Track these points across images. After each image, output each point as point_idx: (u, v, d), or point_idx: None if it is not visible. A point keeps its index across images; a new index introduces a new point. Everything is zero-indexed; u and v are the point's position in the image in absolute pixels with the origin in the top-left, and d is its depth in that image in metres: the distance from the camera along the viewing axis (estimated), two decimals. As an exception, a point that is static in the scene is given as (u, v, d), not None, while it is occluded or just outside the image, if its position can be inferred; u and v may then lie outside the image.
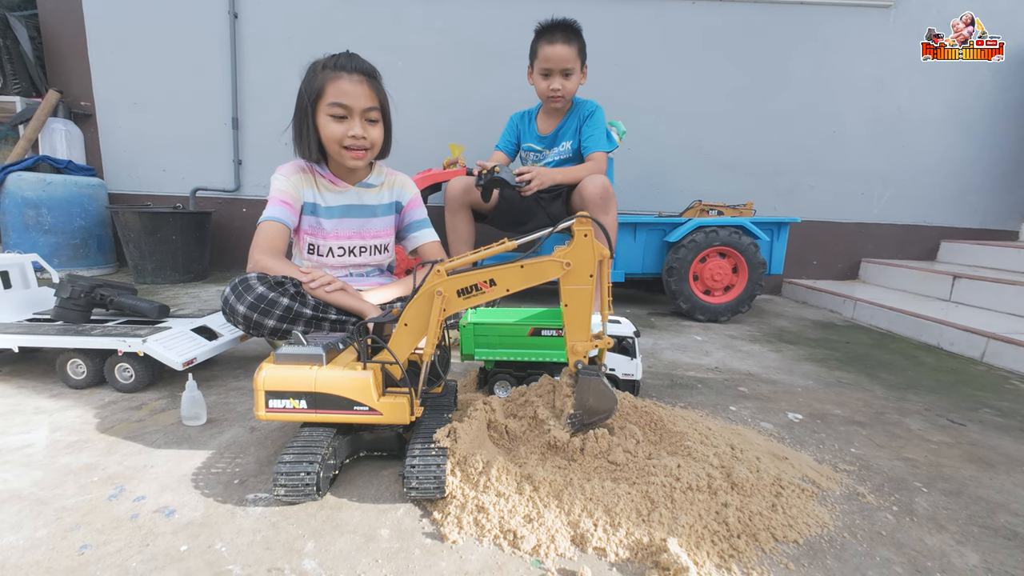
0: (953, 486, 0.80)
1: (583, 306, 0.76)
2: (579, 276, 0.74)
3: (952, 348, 1.66)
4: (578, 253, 0.73)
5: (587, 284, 0.74)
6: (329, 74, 1.11)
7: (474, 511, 0.66)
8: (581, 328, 0.77)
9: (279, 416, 0.73)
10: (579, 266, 0.74)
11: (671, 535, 0.61)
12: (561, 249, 0.74)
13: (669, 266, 1.99)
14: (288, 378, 0.72)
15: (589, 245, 0.73)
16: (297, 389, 0.72)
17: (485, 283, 0.73)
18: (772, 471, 0.76)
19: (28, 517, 0.65)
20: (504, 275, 0.73)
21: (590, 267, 0.74)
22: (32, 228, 2.35)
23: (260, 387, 0.72)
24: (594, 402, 0.78)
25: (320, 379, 0.72)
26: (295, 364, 0.74)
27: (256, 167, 2.79)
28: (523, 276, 0.74)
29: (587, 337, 0.78)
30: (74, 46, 2.67)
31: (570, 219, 0.74)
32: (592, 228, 0.73)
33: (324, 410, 0.73)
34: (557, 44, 1.73)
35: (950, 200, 2.76)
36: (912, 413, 1.11)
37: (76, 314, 1.18)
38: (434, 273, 0.72)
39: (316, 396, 0.72)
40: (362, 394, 0.73)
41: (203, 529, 0.63)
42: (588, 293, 0.75)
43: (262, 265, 1.11)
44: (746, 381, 1.29)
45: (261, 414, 0.73)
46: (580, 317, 0.76)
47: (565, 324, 0.77)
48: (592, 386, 0.78)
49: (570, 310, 0.76)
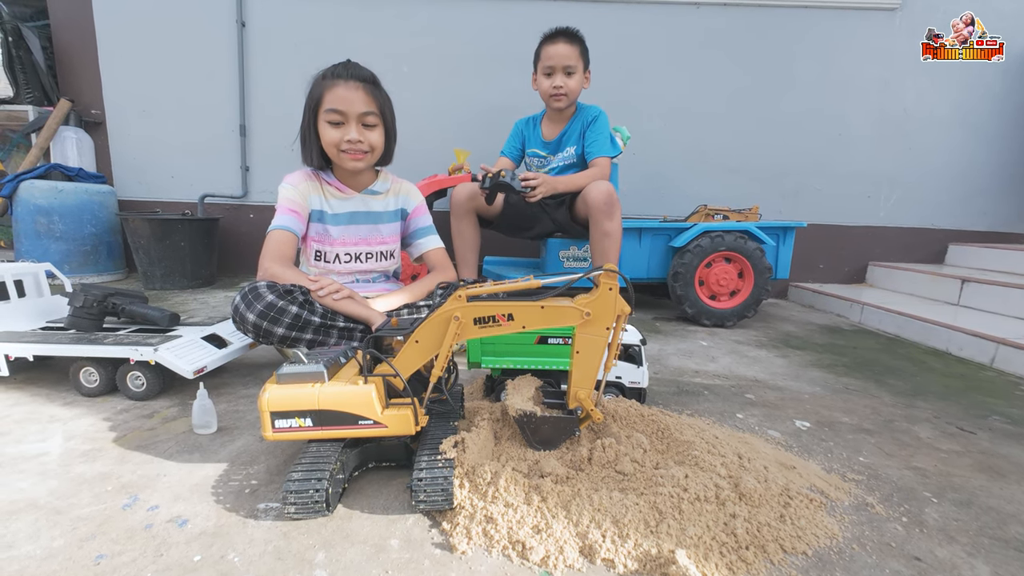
0: (963, 496, 0.80)
1: (594, 356, 0.77)
2: (597, 327, 0.75)
3: (961, 353, 1.65)
4: (600, 305, 0.74)
5: (603, 335, 0.76)
6: (327, 82, 1.16)
7: (483, 522, 0.66)
8: (587, 377, 0.79)
9: (286, 436, 0.74)
10: (599, 317, 0.75)
11: (679, 546, 0.62)
12: (584, 298, 0.74)
13: (674, 271, 1.99)
14: (291, 397, 0.73)
15: (612, 299, 0.74)
16: (301, 408, 0.72)
17: (504, 316, 0.74)
18: (780, 481, 0.76)
19: (45, 527, 0.66)
20: (523, 312, 0.74)
21: (609, 320, 0.75)
22: (44, 235, 2.39)
23: (265, 408, 0.73)
24: (546, 436, 0.83)
25: (323, 396, 0.73)
26: (298, 383, 0.74)
27: (263, 173, 2.81)
28: (542, 317, 0.74)
29: (591, 386, 0.79)
30: (85, 55, 2.71)
31: (599, 270, 0.75)
32: (618, 284, 0.74)
33: (329, 426, 0.73)
34: (559, 43, 1.77)
35: (958, 202, 2.74)
36: (921, 420, 1.10)
37: (89, 323, 1.20)
38: (454, 297, 0.73)
39: (320, 413, 0.73)
40: (365, 408, 0.73)
41: (216, 539, 0.64)
42: (602, 344, 0.76)
43: (271, 273, 1.13)
44: (753, 388, 1.29)
45: (268, 435, 0.74)
46: (589, 366, 0.78)
47: (572, 369, 0.79)
48: (562, 430, 0.83)
49: (581, 357, 0.77)
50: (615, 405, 0.96)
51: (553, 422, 0.82)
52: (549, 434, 0.83)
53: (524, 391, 0.88)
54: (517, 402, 0.83)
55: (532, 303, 0.74)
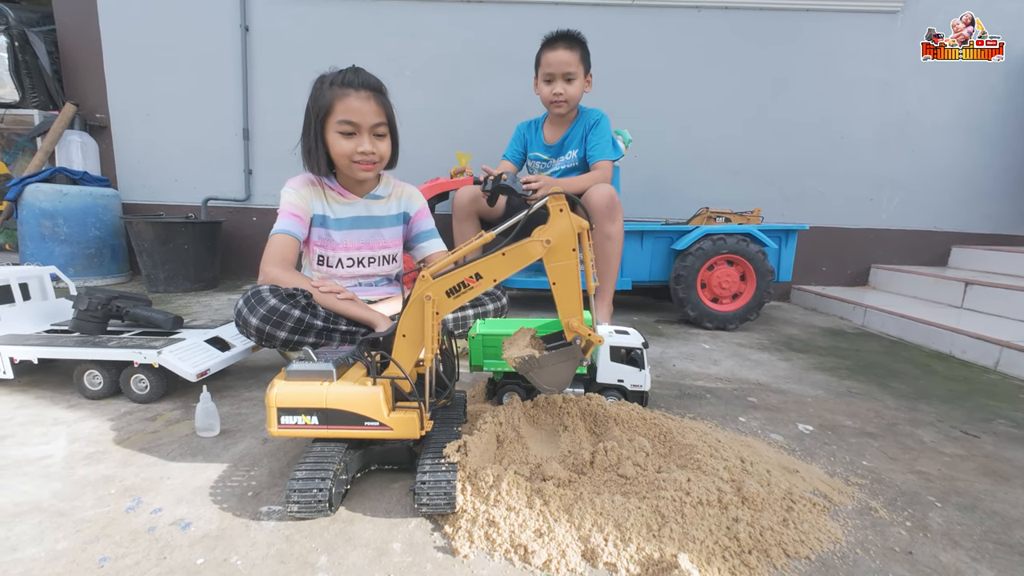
0: (967, 500, 0.79)
1: (571, 281, 0.76)
2: (561, 252, 0.75)
3: (964, 356, 1.64)
4: (556, 229, 0.74)
5: (571, 259, 0.75)
6: (337, 91, 1.13)
7: (485, 525, 0.66)
8: (573, 304, 0.78)
9: (291, 432, 0.74)
10: (560, 242, 0.74)
11: (682, 551, 0.61)
12: (540, 229, 0.74)
13: (676, 274, 1.99)
14: (299, 394, 0.73)
15: (567, 220, 0.74)
16: (308, 405, 0.73)
17: (471, 278, 0.73)
18: (783, 485, 0.76)
19: (49, 529, 0.66)
20: (488, 266, 0.74)
21: (570, 241, 0.74)
22: (48, 238, 2.40)
23: (272, 404, 0.73)
24: (553, 374, 0.80)
25: (331, 395, 0.73)
26: (306, 380, 0.75)
27: (266, 176, 2.83)
28: (507, 263, 0.74)
29: (579, 313, 0.78)
30: (90, 60, 2.73)
31: (544, 198, 0.74)
32: (566, 203, 0.74)
33: (335, 426, 0.74)
34: (559, 50, 1.77)
35: (961, 205, 2.74)
36: (924, 424, 1.10)
37: (93, 326, 1.21)
38: (420, 280, 0.73)
39: (327, 412, 0.73)
40: (372, 409, 0.73)
41: (218, 542, 0.64)
42: (573, 267, 0.76)
43: (273, 277, 1.13)
44: (755, 391, 1.28)
45: (274, 430, 0.74)
46: (570, 293, 0.77)
47: (557, 302, 0.78)
48: (565, 363, 0.80)
49: (559, 287, 0.77)
50: (617, 408, 0.96)
51: (555, 357, 0.80)
52: (556, 373, 0.80)
53: (520, 341, 0.84)
54: (514, 352, 0.81)
55: (493, 255, 0.73)
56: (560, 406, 0.96)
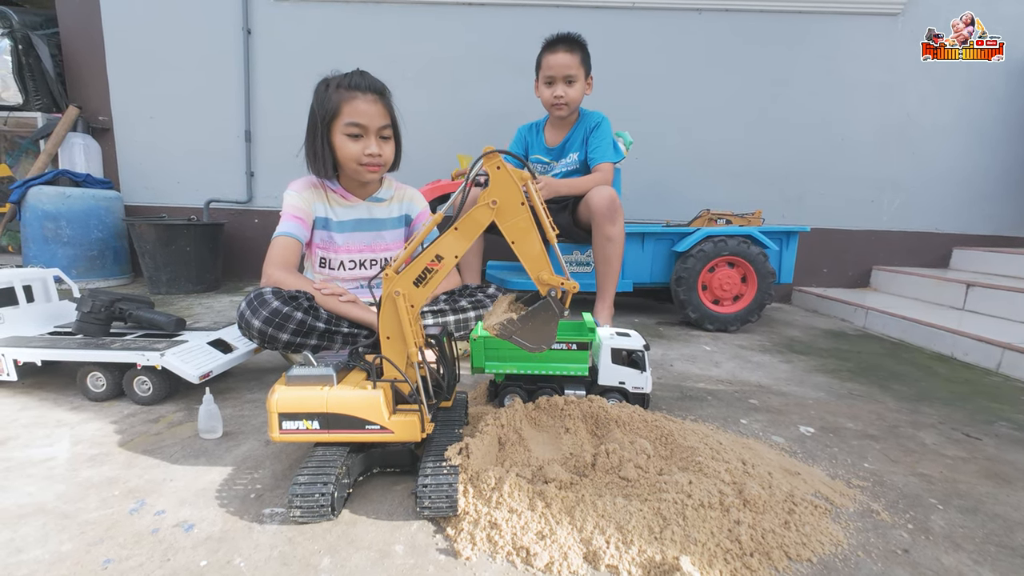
0: (969, 503, 0.79)
1: (527, 235, 0.75)
2: (510, 209, 0.73)
3: (966, 358, 1.64)
4: (498, 187, 0.72)
5: (522, 213, 0.74)
6: (344, 94, 1.14)
7: (487, 527, 0.66)
8: (536, 258, 0.76)
9: (293, 437, 0.74)
10: (506, 199, 0.73)
11: (684, 553, 0.62)
12: (483, 191, 0.73)
13: (677, 276, 1.99)
14: (300, 399, 0.73)
15: (505, 176, 0.72)
16: (309, 410, 0.73)
17: (433, 261, 0.73)
18: (784, 487, 0.76)
19: (53, 531, 0.67)
20: (445, 245, 0.73)
21: (516, 196, 0.73)
22: (51, 240, 2.41)
23: (273, 409, 0.73)
24: (536, 332, 0.79)
25: (332, 399, 0.73)
26: (307, 385, 0.75)
27: (268, 178, 2.84)
28: (462, 237, 0.73)
29: (547, 266, 0.76)
30: (93, 63, 2.75)
31: (478, 160, 0.73)
32: (500, 159, 0.72)
33: (336, 430, 0.74)
34: (559, 52, 1.78)
35: (962, 207, 2.73)
36: (926, 426, 1.10)
37: (96, 328, 1.21)
38: (385, 278, 0.73)
39: (328, 416, 0.73)
40: (373, 413, 0.74)
41: (222, 544, 0.65)
42: (526, 221, 0.74)
43: (276, 279, 1.14)
44: (756, 393, 1.28)
45: (275, 436, 0.74)
46: (530, 247, 0.75)
47: (522, 260, 0.76)
48: (547, 318, 0.78)
49: (518, 245, 0.75)
50: (619, 411, 0.96)
51: (533, 314, 0.78)
52: (537, 329, 0.78)
53: (498, 309, 0.82)
54: (493, 320, 0.79)
55: (447, 233, 0.73)
56: (562, 408, 0.96)
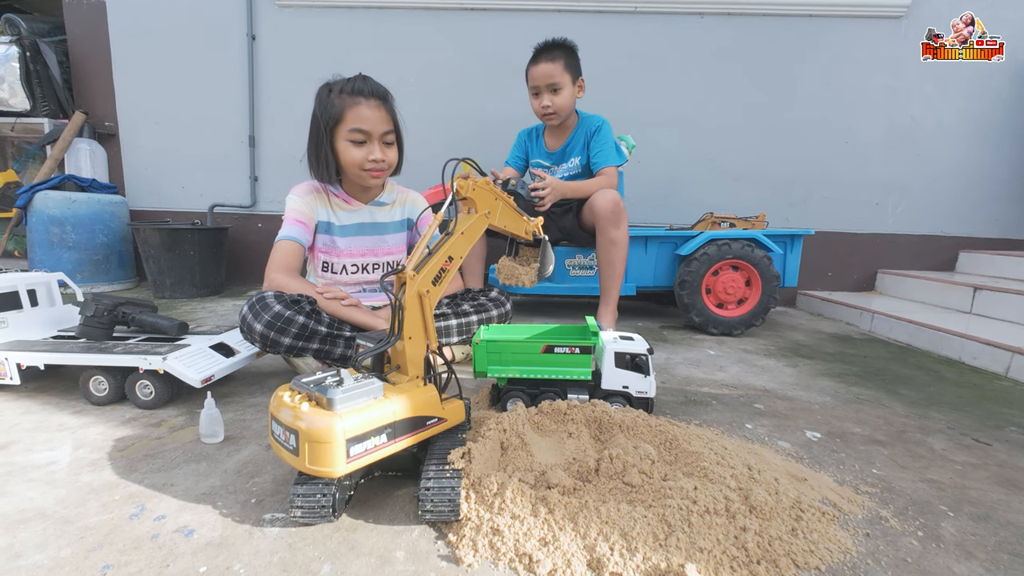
0: (980, 510, 0.78)
1: (510, 216, 0.95)
2: (493, 209, 0.91)
3: (975, 362, 1.62)
4: (483, 201, 0.88)
5: (500, 205, 0.92)
6: (347, 99, 1.14)
7: (489, 534, 0.65)
8: (520, 224, 0.97)
9: (363, 461, 0.68)
10: (490, 207, 0.90)
11: (689, 560, 0.61)
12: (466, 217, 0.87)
13: (681, 279, 1.98)
14: (367, 419, 0.68)
15: (481, 190, 0.88)
16: (378, 425, 0.69)
17: (447, 262, 0.80)
18: (791, 493, 0.75)
19: (52, 536, 0.66)
20: (455, 247, 0.82)
21: (493, 201, 0.90)
22: (57, 245, 2.43)
23: (339, 438, 0.64)
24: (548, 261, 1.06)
25: (399, 407, 0.71)
26: (364, 404, 0.69)
27: (271, 183, 2.85)
28: (467, 240, 0.85)
29: (526, 223, 0.98)
30: (100, 69, 2.77)
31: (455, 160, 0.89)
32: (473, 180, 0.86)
33: (402, 436, 0.72)
34: (540, 63, 1.77)
35: (968, 209, 2.71)
36: (935, 431, 1.08)
37: (99, 332, 1.21)
38: (410, 280, 0.75)
39: (396, 425, 0.71)
40: (433, 407, 0.76)
41: (221, 550, 0.64)
42: (505, 207, 0.93)
43: (278, 283, 1.14)
44: (762, 397, 1.27)
45: (341, 469, 0.65)
46: (515, 224, 0.96)
47: (510, 231, 0.96)
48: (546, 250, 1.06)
49: (508, 227, 0.95)
50: (622, 415, 0.95)
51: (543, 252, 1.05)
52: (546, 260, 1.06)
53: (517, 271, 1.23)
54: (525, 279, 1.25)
55: (455, 237, 0.82)
56: (565, 413, 0.95)
